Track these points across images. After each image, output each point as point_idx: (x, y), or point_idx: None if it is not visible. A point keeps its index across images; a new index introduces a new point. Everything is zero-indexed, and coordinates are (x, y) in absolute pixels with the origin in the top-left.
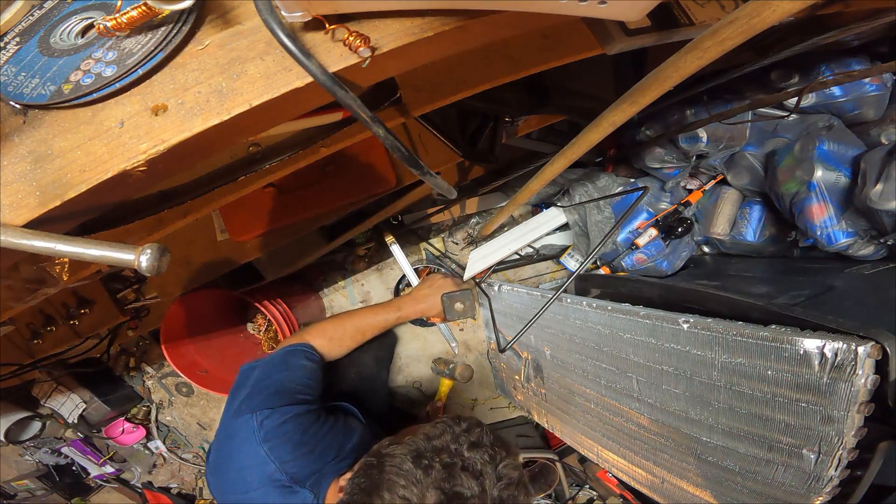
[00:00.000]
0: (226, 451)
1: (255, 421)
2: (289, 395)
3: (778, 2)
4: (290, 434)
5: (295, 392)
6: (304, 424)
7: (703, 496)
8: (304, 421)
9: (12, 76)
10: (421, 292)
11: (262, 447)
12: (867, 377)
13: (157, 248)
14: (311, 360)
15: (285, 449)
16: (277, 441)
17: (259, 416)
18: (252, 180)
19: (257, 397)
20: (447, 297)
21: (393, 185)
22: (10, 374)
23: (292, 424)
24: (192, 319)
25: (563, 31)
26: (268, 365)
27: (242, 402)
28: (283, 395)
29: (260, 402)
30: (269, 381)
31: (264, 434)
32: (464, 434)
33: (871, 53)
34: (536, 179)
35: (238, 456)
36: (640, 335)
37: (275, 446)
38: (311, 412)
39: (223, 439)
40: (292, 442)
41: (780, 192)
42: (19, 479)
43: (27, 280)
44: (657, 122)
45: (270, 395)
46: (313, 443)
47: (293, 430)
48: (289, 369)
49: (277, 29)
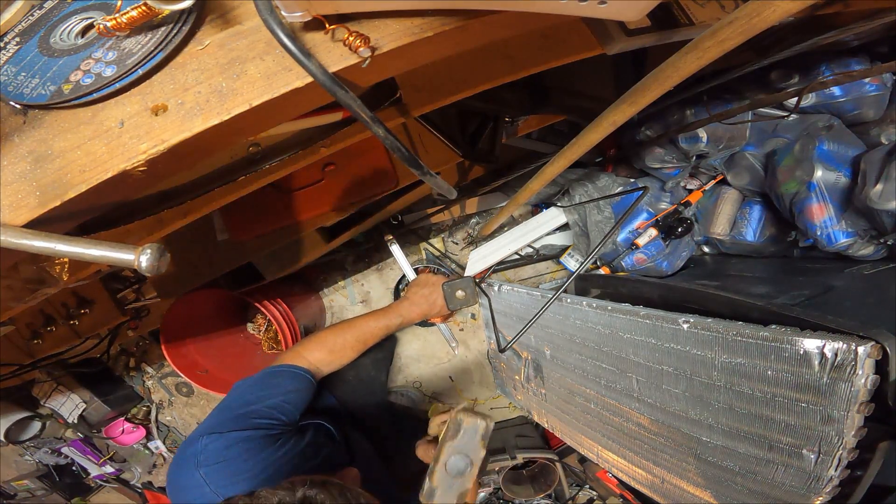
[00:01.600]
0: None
1: (201, 444)
2: (247, 419)
3: (778, 2)
4: (232, 460)
5: (257, 416)
6: (252, 450)
7: (703, 496)
8: (252, 446)
9: (12, 76)
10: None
11: (198, 471)
12: (867, 377)
13: (157, 248)
14: (296, 382)
15: (223, 474)
16: (216, 466)
17: (206, 439)
18: (252, 180)
19: (215, 418)
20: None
21: (393, 185)
22: (10, 374)
23: (237, 450)
24: (192, 319)
25: (563, 31)
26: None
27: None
28: (239, 420)
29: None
30: (240, 401)
31: (204, 458)
32: None
33: (871, 53)
34: (536, 179)
35: (181, 473)
36: (640, 335)
37: (211, 472)
38: (266, 437)
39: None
40: (231, 469)
41: (780, 192)
42: (19, 479)
43: (27, 280)
44: (657, 122)
45: (230, 418)
46: (258, 469)
47: (236, 457)
48: (265, 390)
49: (277, 29)
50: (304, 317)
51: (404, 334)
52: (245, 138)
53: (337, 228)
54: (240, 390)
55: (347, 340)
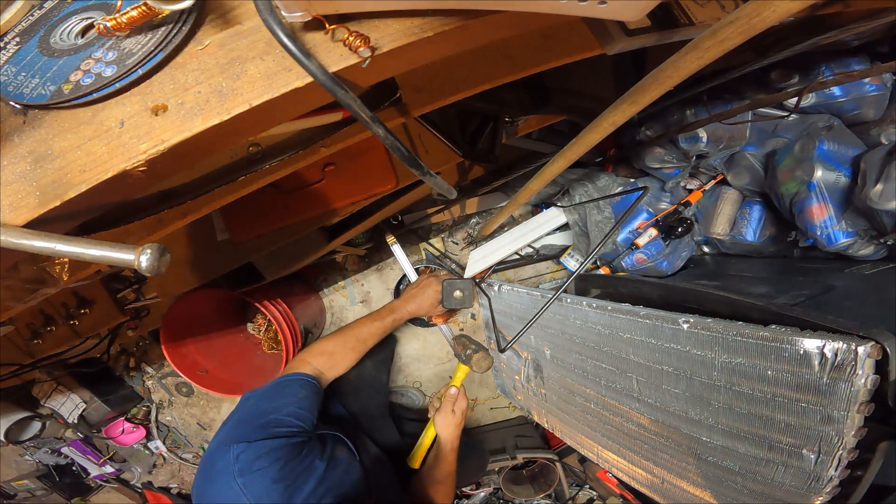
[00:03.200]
0: (205, 479)
1: (233, 454)
2: (269, 429)
3: (778, 2)
4: (266, 470)
5: (278, 425)
6: (282, 460)
7: (703, 496)
8: (281, 455)
9: (12, 76)
10: (410, 291)
11: (235, 481)
12: (867, 377)
13: (157, 248)
14: (306, 389)
15: (259, 484)
16: (252, 476)
17: (236, 448)
18: (252, 180)
19: (240, 429)
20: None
21: (393, 185)
22: (10, 374)
23: (268, 460)
24: (192, 319)
25: (563, 31)
26: (260, 396)
27: (227, 431)
28: (263, 429)
29: (240, 434)
30: (256, 411)
31: (239, 468)
32: None
33: (871, 53)
34: (536, 179)
35: (214, 487)
36: (640, 335)
37: (249, 481)
38: (291, 445)
39: (205, 465)
40: (267, 478)
41: (780, 192)
42: (19, 479)
43: (27, 280)
44: (657, 122)
45: (252, 428)
46: (291, 478)
47: (269, 466)
48: (279, 399)
49: (277, 29)
50: (304, 317)
51: (404, 334)
52: (245, 138)
53: (337, 228)
54: (252, 401)
55: (348, 342)
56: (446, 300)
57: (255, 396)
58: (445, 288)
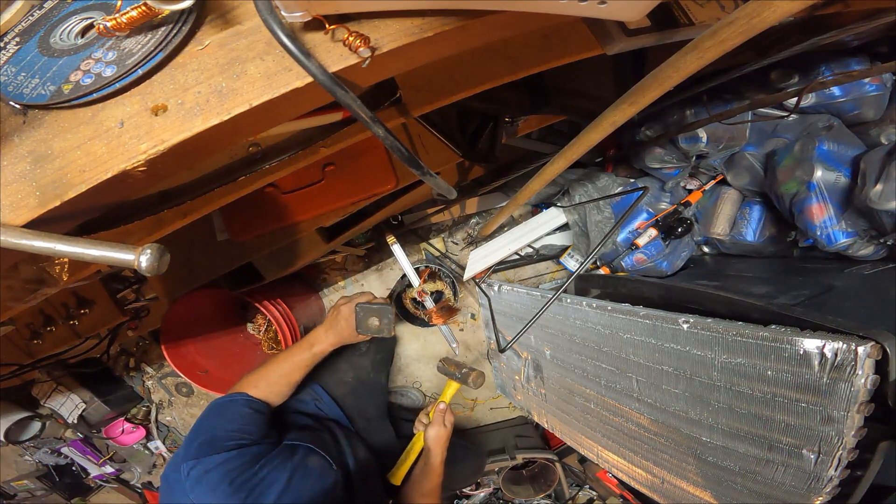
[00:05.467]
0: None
1: (183, 472)
2: (217, 444)
3: (778, 2)
4: (217, 482)
5: (225, 439)
6: (234, 471)
7: (703, 496)
8: (233, 466)
9: (12, 76)
10: (328, 320)
11: (188, 496)
12: (867, 377)
13: (156, 249)
14: (249, 407)
15: (212, 496)
16: (203, 489)
17: (186, 466)
18: (252, 180)
19: (189, 447)
20: (361, 308)
21: (393, 185)
22: (10, 374)
23: (218, 473)
24: (192, 319)
25: (563, 31)
26: (204, 417)
27: (178, 452)
28: (211, 444)
29: (189, 452)
30: (201, 429)
31: (190, 484)
32: None
33: (871, 53)
34: (536, 179)
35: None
36: (640, 335)
37: (200, 495)
38: (242, 456)
39: (163, 488)
40: (220, 490)
41: (780, 192)
42: (19, 479)
43: (27, 280)
44: (657, 122)
45: (200, 444)
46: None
47: (220, 478)
48: (222, 416)
49: (277, 29)
50: (304, 317)
51: (404, 334)
52: (245, 138)
53: (337, 228)
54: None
55: (271, 378)
56: (360, 326)
57: (200, 418)
58: (359, 314)
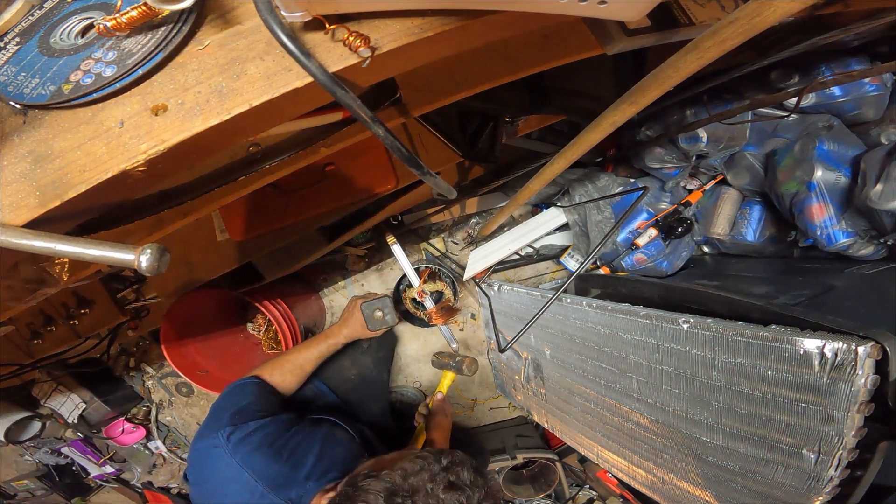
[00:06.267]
0: (202, 471)
1: (222, 437)
2: (247, 414)
3: (778, 2)
4: (258, 444)
5: (253, 411)
6: (272, 435)
7: (703, 496)
8: (270, 431)
9: (12, 76)
10: (343, 316)
11: (233, 459)
12: (867, 377)
13: (156, 248)
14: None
15: (256, 458)
16: (246, 451)
17: (224, 432)
18: (252, 180)
19: (219, 418)
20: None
21: (393, 185)
22: (10, 374)
23: (257, 436)
24: (192, 319)
25: (563, 31)
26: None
27: (205, 428)
28: (241, 415)
29: (220, 423)
30: (226, 405)
31: (232, 447)
32: (442, 472)
33: (871, 53)
34: (536, 179)
35: (214, 473)
36: (640, 335)
37: (246, 456)
38: (275, 423)
39: (197, 462)
40: (262, 451)
41: (780, 192)
42: (19, 479)
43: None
44: (657, 122)
45: (232, 414)
46: (287, 451)
47: (261, 441)
48: (240, 395)
49: (277, 29)
50: (304, 317)
51: (404, 334)
52: (245, 138)
53: (337, 228)
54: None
55: (286, 368)
56: (370, 324)
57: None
58: (365, 313)
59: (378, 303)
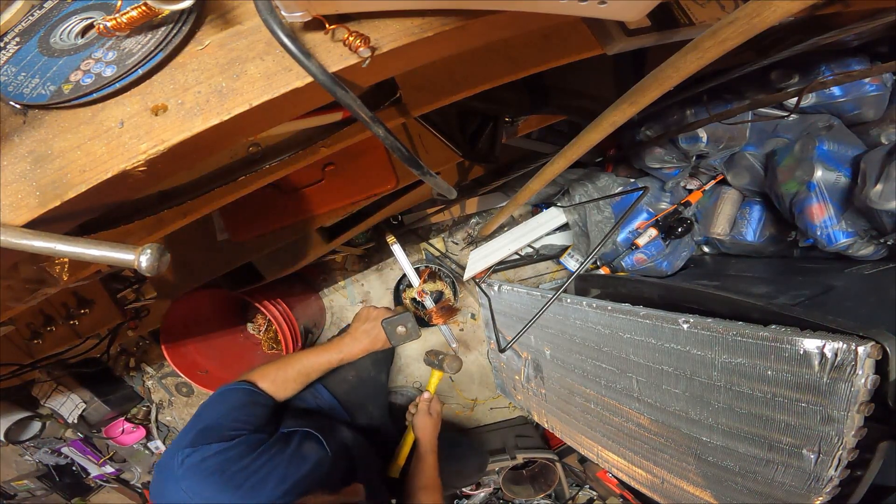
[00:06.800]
0: (156, 494)
1: (178, 459)
2: (216, 432)
3: (778, 2)
4: (211, 470)
5: (224, 428)
6: (231, 460)
7: (703, 496)
8: (230, 455)
9: (12, 76)
10: (358, 330)
11: (180, 485)
12: (867, 377)
13: (157, 249)
14: (250, 397)
15: (205, 486)
16: (197, 479)
17: (181, 454)
18: (252, 180)
19: (187, 435)
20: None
21: (393, 185)
22: (10, 374)
23: (214, 461)
24: (192, 319)
25: (563, 31)
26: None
27: (175, 440)
28: (209, 433)
29: (187, 439)
30: (201, 417)
31: (182, 472)
32: None
33: (871, 53)
34: (536, 179)
35: (164, 492)
36: (640, 335)
37: (193, 484)
38: (241, 445)
39: (154, 481)
40: (212, 479)
41: (780, 192)
42: (19, 479)
43: (27, 280)
44: (657, 122)
45: (198, 432)
46: (244, 477)
47: (214, 467)
48: (223, 404)
49: (277, 29)
50: (304, 317)
51: None
52: (245, 138)
53: (337, 228)
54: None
55: (289, 374)
56: (392, 339)
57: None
58: (387, 328)
59: (400, 318)
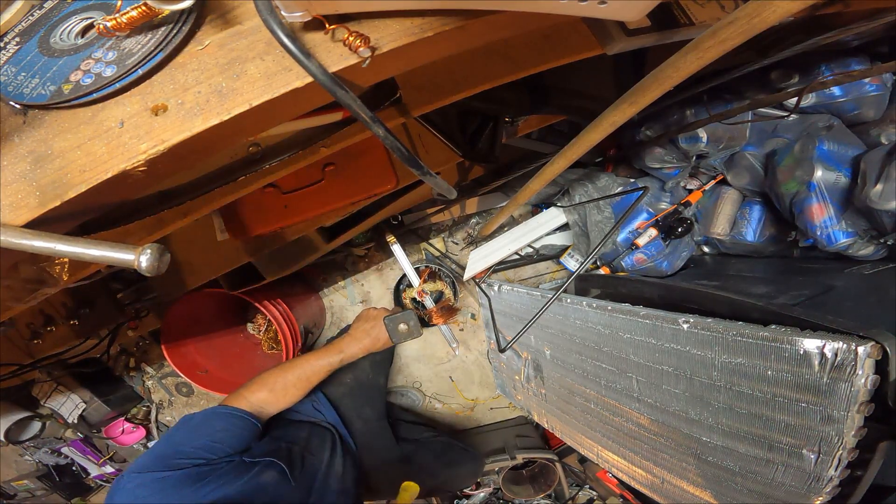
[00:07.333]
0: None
1: (122, 482)
2: (166, 460)
3: (778, 2)
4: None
5: (179, 457)
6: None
7: (703, 496)
8: (165, 486)
9: (12, 76)
10: (359, 330)
11: None
12: (867, 377)
13: (156, 249)
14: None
15: None
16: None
17: (127, 478)
18: (252, 180)
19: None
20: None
21: (393, 185)
22: (10, 374)
23: (149, 489)
24: (192, 319)
25: (563, 31)
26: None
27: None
28: (160, 460)
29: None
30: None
31: (119, 498)
32: None
33: (871, 53)
34: (536, 179)
35: None
36: (640, 335)
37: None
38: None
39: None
40: None
41: (780, 192)
42: (19, 479)
43: (27, 280)
44: (657, 122)
45: (152, 457)
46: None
47: (148, 495)
48: (194, 431)
49: (277, 29)
50: (304, 317)
51: None
52: (245, 138)
53: (337, 228)
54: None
55: (289, 380)
56: (394, 336)
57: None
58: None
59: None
